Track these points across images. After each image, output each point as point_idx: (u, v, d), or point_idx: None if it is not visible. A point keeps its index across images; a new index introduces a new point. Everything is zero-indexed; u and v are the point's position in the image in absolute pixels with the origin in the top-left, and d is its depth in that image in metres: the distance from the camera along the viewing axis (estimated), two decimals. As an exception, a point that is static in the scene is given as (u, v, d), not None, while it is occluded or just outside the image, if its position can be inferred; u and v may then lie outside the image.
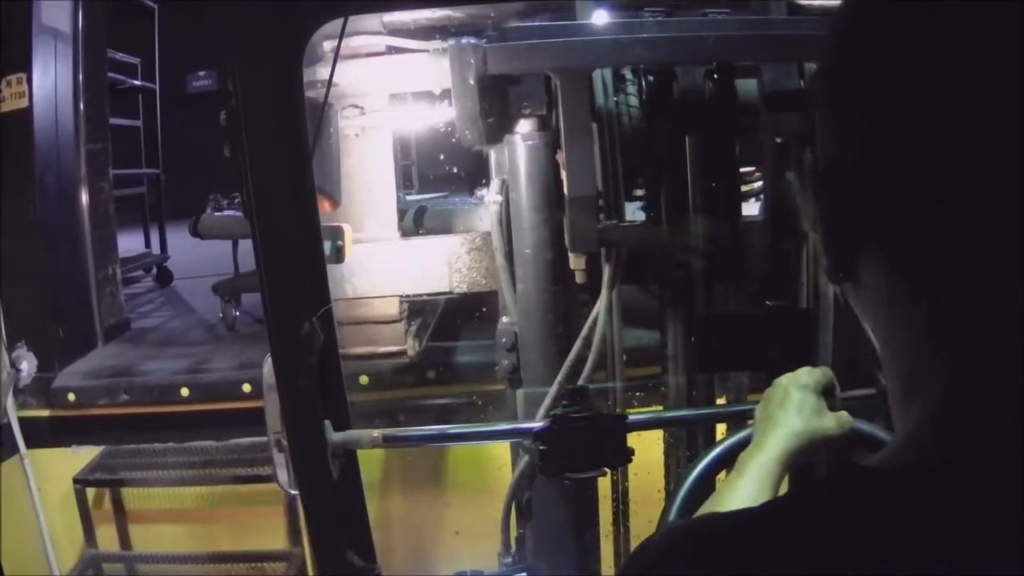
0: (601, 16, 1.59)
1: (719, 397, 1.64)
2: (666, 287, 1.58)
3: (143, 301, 4.83)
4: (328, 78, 1.32)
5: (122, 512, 2.83)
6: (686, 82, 1.52)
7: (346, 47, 1.46)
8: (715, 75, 1.52)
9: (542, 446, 1.39)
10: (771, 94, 1.49)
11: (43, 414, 2.82)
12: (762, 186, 1.62)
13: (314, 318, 1.31)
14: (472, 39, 1.50)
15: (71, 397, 2.83)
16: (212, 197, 3.91)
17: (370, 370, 2.30)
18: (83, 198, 3.26)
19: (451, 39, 1.55)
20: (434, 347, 2.36)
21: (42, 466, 2.69)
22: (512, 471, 1.59)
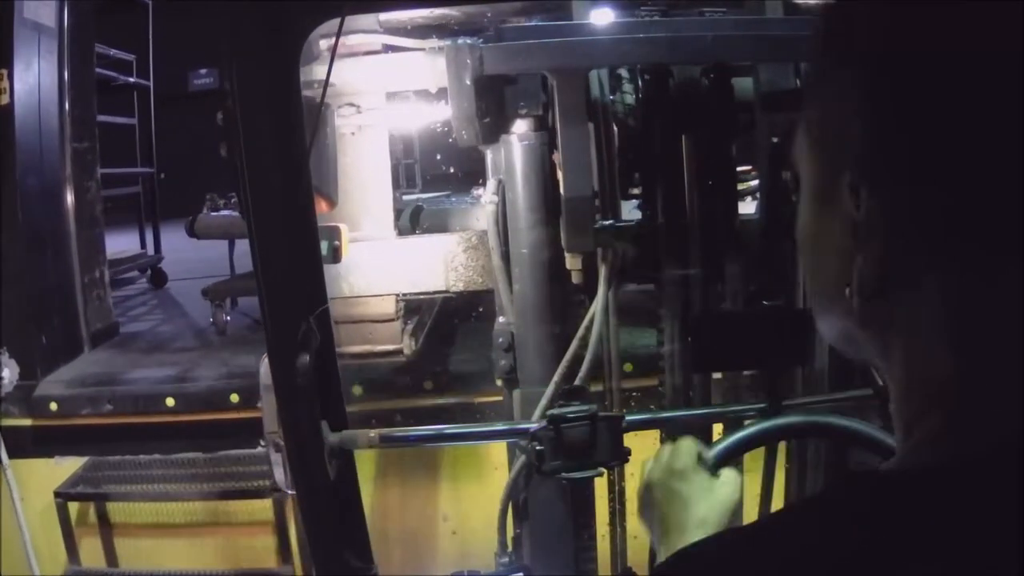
0: (598, 16, 1.63)
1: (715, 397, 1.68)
2: (662, 287, 1.62)
3: (135, 304, 4.79)
4: (325, 77, 1.35)
5: (106, 526, 2.78)
6: (682, 82, 1.55)
7: (342, 46, 1.49)
8: (711, 74, 1.56)
9: (539, 446, 1.43)
10: (767, 93, 1.53)
11: (25, 423, 2.77)
12: (758, 185, 1.67)
13: (311, 318, 1.35)
14: (468, 39, 1.54)
15: (53, 406, 2.78)
16: (209, 197, 3.93)
17: (364, 379, 2.34)
18: (68, 199, 3.23)
19: (448, 38, 1.59)
20: (431, 352, 2.38)
21: (25, 477, 2.67)
22: (509, 471, 1.62)
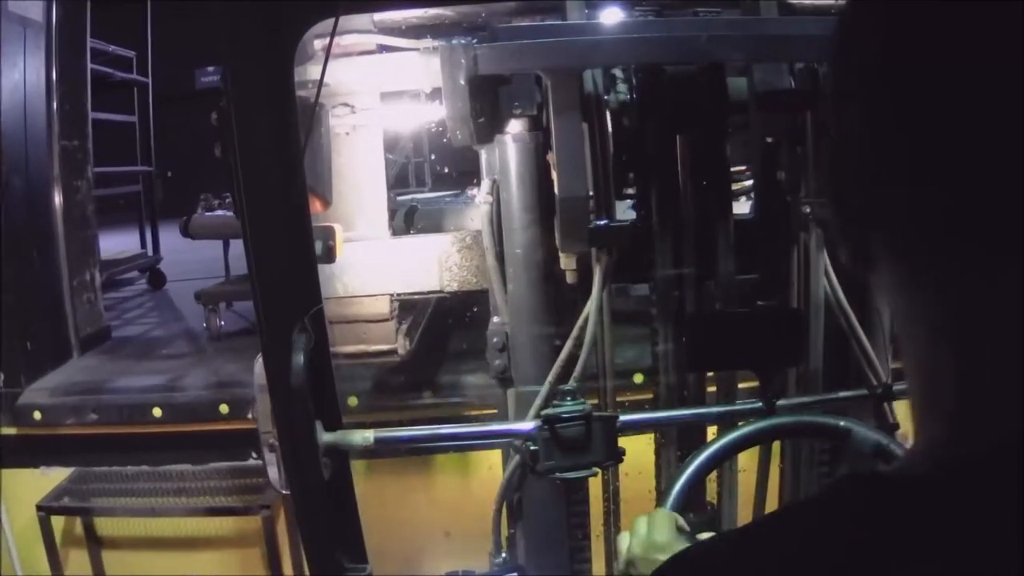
0: (608, 15, 1.67)
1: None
2: (657, 287, 1.65)
3: (131, 306, 4.76)
4: (319, 77, 1.39)
5: (92, 540, 2.76)
6: (677, 82, 1.59)
7: (336, 45, 1.53)
8: (706, 74, 1.60)
9: (533, 446, 1.47)
10: (762, 93, 1.58)
11: (10, 432, 2.76)
12: (752, 185, 1.71)
13: (306, 318, 1.39)
14: (463, 39, 1.58)
15: (37, 415, 2.76)
16: (203, 197, 3.96)
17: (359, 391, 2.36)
18: (56, 199, 3.22)
19: (442, 38, 1.63)
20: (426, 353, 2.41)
21: (10, 487, 2.66)
22: (503, 471, 1.67)
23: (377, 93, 1.82)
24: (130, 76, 5.40)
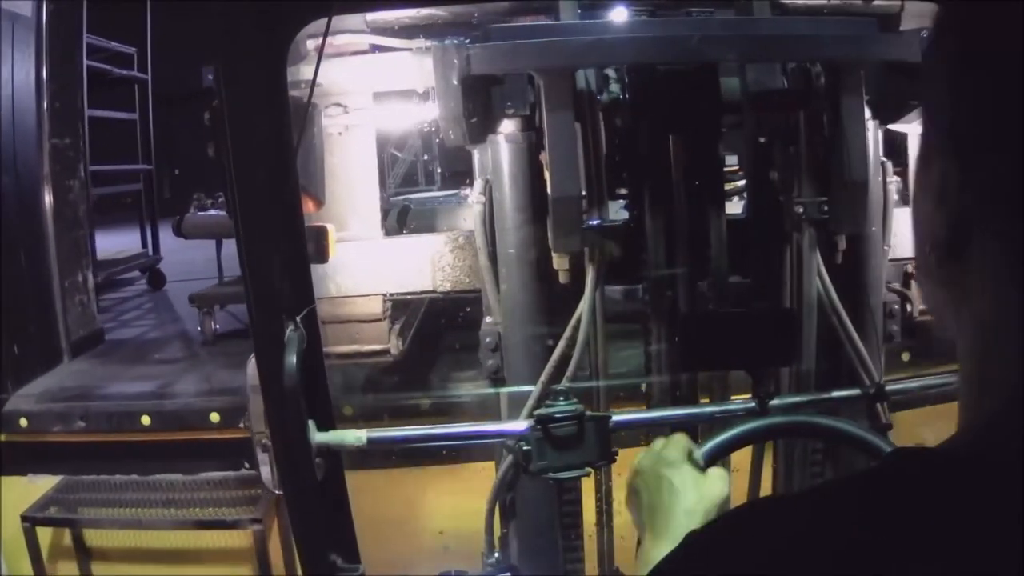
0: (615, 15, 1.70)
1: (703, 397, 1.75)
2: (650, 286, 1.69)
3: (129, 308, 4.77)
4: (312, 77, 1.42)
5: (81, 550, 2.75)
6: (670, 81, 1.62)
7: (329, 45, 1.56)
8: (699, 74, 1.63)
9: (526, 446, 1.50)
10: (755, 93, 1.61)
11: None
12: (745, 185, 1.74)
13: (298, 318, 1.42)
14: (455, 39, 1.61)
15: (23, 422, 2.74)
16: (196, 196, 3.99)
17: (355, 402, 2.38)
18: (47, 198, 3.21)
19: (435, 38, 1.66)
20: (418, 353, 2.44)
21: None
22: (496, 471, 1.70)
23: (370, 93, 1.85)
24: (129, 73, 5.37)
